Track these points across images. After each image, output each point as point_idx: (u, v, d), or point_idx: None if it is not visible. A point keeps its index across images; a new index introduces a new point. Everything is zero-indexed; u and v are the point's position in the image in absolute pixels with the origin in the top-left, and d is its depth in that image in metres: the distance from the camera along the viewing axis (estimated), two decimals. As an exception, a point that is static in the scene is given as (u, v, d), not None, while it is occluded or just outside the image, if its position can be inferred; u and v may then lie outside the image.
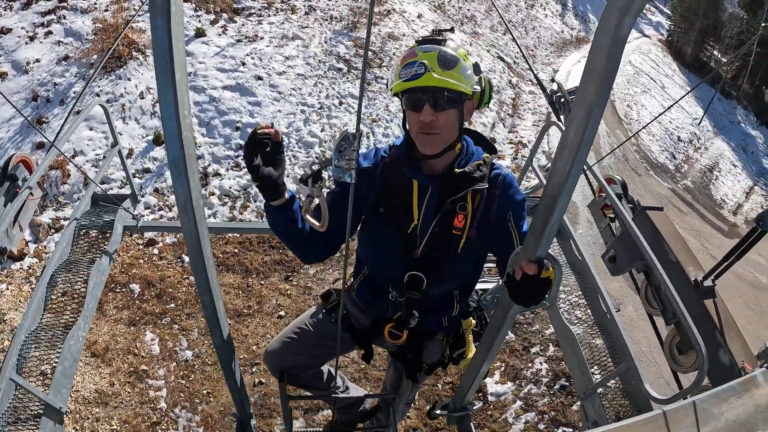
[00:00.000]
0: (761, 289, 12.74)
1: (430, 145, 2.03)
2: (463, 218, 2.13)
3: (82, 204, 3.96)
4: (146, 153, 9.11)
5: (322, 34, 13.24)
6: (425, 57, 1.95)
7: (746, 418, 1.84)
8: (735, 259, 4.77)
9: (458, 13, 20.23)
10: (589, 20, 32.90)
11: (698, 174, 21.62)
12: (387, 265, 2.34)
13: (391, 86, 2.09)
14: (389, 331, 2.42)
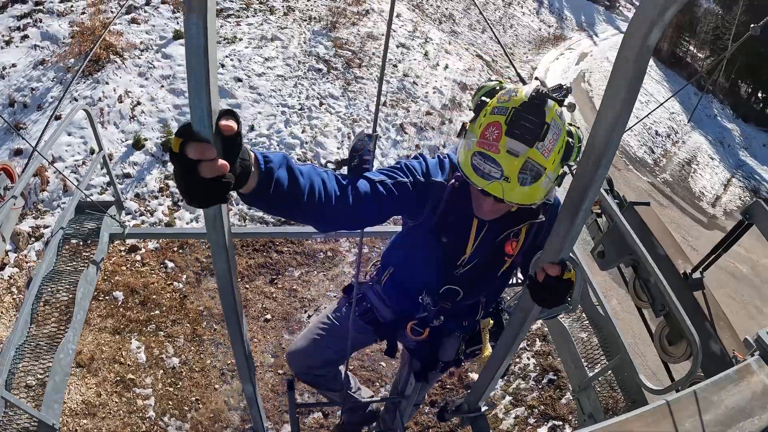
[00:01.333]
0: (741, 279, 12.98)
1: (486, 215, 2.01)
2: (515, 245, 2.14)
3: (67, 213, 3.91)
4: (126, 158, 8.99)
5: (301, 35, 13.18)
6: (506, 161, 1.70)
7: (744, 405, 1.91)
8: (723, 251, 4.85)
9: (437, 12, 20.31)
10: (565, 17, 33.20)
11: (677, 167, 21.96)
12: (422, 276, 2.35)
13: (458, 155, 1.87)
14: (411, 327, 2.49)
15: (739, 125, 33.95)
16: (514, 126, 1.69)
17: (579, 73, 25.13)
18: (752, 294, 12.63)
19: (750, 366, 2.16)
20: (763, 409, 1.91)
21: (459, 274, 2.24)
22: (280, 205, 1.54)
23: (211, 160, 1.07)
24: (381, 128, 11.87)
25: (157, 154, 9.20)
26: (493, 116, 1.74)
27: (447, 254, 2.18)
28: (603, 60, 28.01)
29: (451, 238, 2.10)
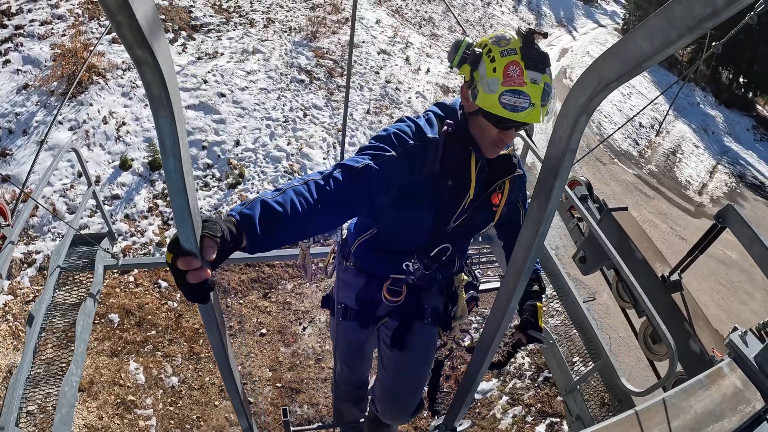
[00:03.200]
0: (730, 265, 13.09)
1: (496, 154, 2.19)
2: (500, 196, 2.32)
3: (63, 248, 3.98)
4: (114, 179, 9.03)
5: (282, 47, 13.23)
6: (532, 91, 1.92)
7: (713, 408, 1.96)
8: (698, 253, 4.98)
9: (416, 16, 20.35)
10: (543, 14, 33.34)
11: (662, 158, 22.07)
12: (411, 234, 2.37)
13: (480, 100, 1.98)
14: (387, 288, 2.51)
15: (722, 112, 34.14)
16: (529, 60, 1.93)
17: (560, 70, 25.22)
18: (742, 279, 12.73)
19: (722, 369, 2.21)
20: (733, 411, 1.96)
21: (450, 229, 2.33)
22: (280, 241, 1.67)
23: (196, 269, 1.29)
24: (366, 136, 11.95)
25: (144, 174, 9.24)
26: (507, 57, 1.94)
27: (447, 200, 2.24)
28: (583, 55, 28.13)
29: (455, 178, 2.18)
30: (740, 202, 21.17)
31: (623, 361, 8.30)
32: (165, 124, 0.94)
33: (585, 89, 0.96)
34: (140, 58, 0.80)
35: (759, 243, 4.13)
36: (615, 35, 36.70)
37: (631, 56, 0.83)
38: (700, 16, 0.70)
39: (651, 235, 13.43)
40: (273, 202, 1.63)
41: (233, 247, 1.47)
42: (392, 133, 2.09)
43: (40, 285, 7.16)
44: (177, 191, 1.09)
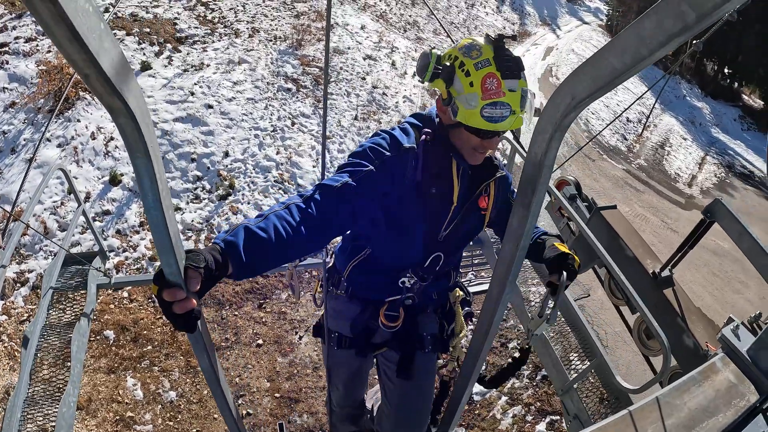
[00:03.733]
0: (723, 255, 13.14)
1: (480, 160, 2.19)
2: (486, 199, 2.31)
3: (55, 269, 3.97)
4: (104, 195, 9.01)
5: (267, 56, 13.24)
6: (511, 99, 1.95)
7: (707, 404, 1.97)
8: (688, 249, 5.02)
9: (400, 21, 20.39)
10: (527, 13, 33.48)
11: (650, 152, 22.18)
12: (405, 249, 2.34)
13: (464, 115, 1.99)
14: (384, 314, 2.48)
15: (708, 103, 34.36)
16: (505, 70, 1.94)
17: (546, 68, 25.33)
18: (736, 269, 12.77)
19: (715, 364, 2.21)
20: (727, 406, 1.97)
21: (442, 238, 2.31)
22: (265, 266, 1.71)
23: (181, 300, 1.34)
24: (355, 142, 11.97)
25: (134, 189, 9.22)
26: (482, 70, 1.95)
27: (434, 210, 2.23)
28: (569, 52, 28.27)
29: (438, 186, 2.17)
30: (730, 192, 21.30)
31: (620, 356, 8.33)
32: (141, 165, 0.98)
33: (558, 107, 0.97)
34: (112, 105, 0.83)
35: (748, 236, 4.17)
36: (599, 32, 36.89)
37: (603, 73, 0.84)
38: (671, 31, 0.70)
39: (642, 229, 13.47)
40: (256, 228, 1.66)
41: (219, 275, 1.51)
42: (368, 147, 2.10)
43: (33, 304, 7.13)
44: (157, 226, 1.14)
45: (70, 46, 0.70)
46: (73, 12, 0.66)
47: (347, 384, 3.06)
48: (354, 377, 3.03)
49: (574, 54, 28.27)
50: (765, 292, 4.13)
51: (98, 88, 0.78)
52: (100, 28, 0.72)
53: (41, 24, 0.67)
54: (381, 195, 2.06)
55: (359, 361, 2.85)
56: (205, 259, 1.44)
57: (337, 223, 1.93)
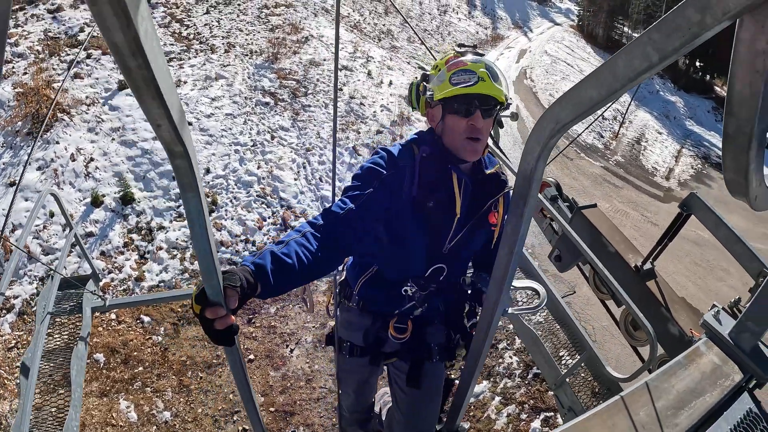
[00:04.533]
0: (704, 244, 13.36)
1: (475, 152, 2.21)
2: (496, 216, 2.38)
3: (51, 294, 3.99)
4: (86, 216, 8.96)
5: (244, 70, 13.28)
6: (476, 67, 2.09)
7: (694, 386, 2.04)
8: (667, 242, 5.16)
9: (374, 30, 20.56)
10: (499, 17, 33.84)
11: (627, 148, 22.51)
12: (411, 261, 2.41)
13: (436, 92, 2.15)
14: (394, 326, 2.57)
15: (681, 96, 34.95)
16: (464, 53, 2.17)
17: (520, 71, 25.62)
18: (717, 257, 12.97)
19: (699, 348, 2.27)
20: (713, 386, 2.04)
21: (446, 250, 2.37)
22: (288, 287, 1.86)
23: (222, 317, 1.47)
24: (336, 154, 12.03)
25: (117, 209, 9.20)
26: (446, 57, 2.19)
27: (436, 222, 2.29)
28: (542, 54, 28.61)
29: (437, 198, 2.22)
30: (707, 182, 21.67)
31: (609, 350, 8.45)
32: (192, 200, 1.10)
33: (544, 130, 1.09)
34: (174, 150, 0.93)
35: (724, 226, 4.30)
36: (571, 32, 37.36)
37: (583, 102, 0.96)
38: (638, 69, 0.83)
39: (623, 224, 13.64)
40: (280, 253, 1.79)
41: (250, 294, 1.63)
42: (367, 168, 2.19)
43: (21, 330, 7.08)
44: (203, 251, 1.27)
45: (153, 102, 0.79)
46: (158, 73, 0.74)
47: (357, 390, 3.16)
48: (364, 384, 3.13)
49: (547, 55, 28.63)
50: (747, 278, 4.26)
51: (166, 136, 0.88)
52: (171, 84, 0.81)
53: (133, 86, 0.75)
54: (383, 213, 2.15)
55: (370, 369, 2.94)
56: (239, 278, 1.57)
57: (345, 247, 2.03)
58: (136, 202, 9.47)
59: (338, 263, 2.09)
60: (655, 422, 1.81)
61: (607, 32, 39.53)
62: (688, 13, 0.75)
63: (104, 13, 0.64)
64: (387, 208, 2.16)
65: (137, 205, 9.42)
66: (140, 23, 0.68)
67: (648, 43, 0.81)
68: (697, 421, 1.88)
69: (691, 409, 1.92)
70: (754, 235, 16.38)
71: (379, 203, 2.11)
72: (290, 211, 10.28)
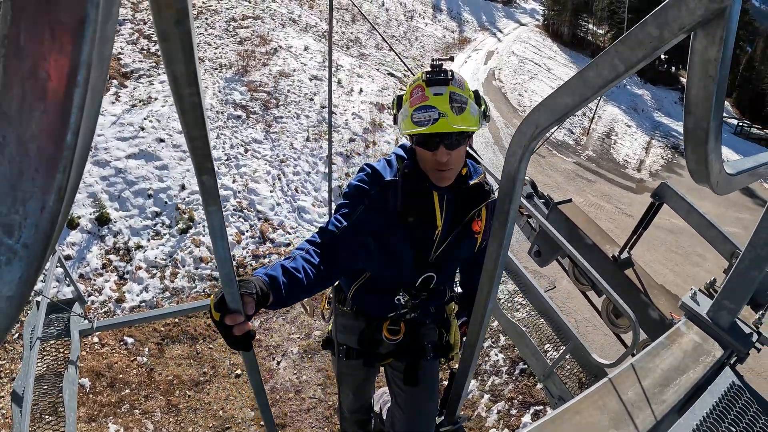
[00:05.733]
0: (678, 232, 13.65)
1: (445, 180, 2.25)
2: (479, 223, 2.42)
3: (39, 320, 3.97)
4: (62, 240, 8.87)
5: (214, 84, 13.25)
6: (438, 102, 2.05)
7: (677, 364, 2.16)
8: (642, 230, 5.31)
9: (343, 38, 20.65)
10: (465, 20, 34.15)
11: (597, 142, 22.89)
12: (398, 271, 2.48)
13: (401, 128, 2.17)
14: (387, 328, 2.65)
15: (648, 89, 35.68)
16: (430, 80, 2.11)
17: (489, 72, 25.90)
18: (692, 243, 13.25)
19: (679, 329, 2.41)
20: (696, 363, 2.17)
21: (433, 259, 2.44)
22: (297, 299, 1.96)
23: (240, 323, 1.58)
24: (309, 163, 12.07)
25: (93, 231, 9.12)
26: (413, 85, 2.17)
27: (419, 236, 2.36)
28: (509, 55, 28.97)
29: (418, 215, 2.28)
30: (678, 171, 22.11)
31: (593, 340, 8.59)
32: (214, 213, 1.21)
33: (525, 134, 1.20)
34: (204, 167, 1.06)
35: (695, 212, 4.45)
36: (537, 32, 37.86)
37: (558, 108, 1.07)
38: (607, 78, 0.94)
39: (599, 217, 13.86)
40: (290, 267, 1.91)
41: (262, 303, 1.73)
42: (354, 186, 2.28)
43: (2, 360, 6.99)
44: (224, 262, 1.36)
45: (195, 126, 0.93)
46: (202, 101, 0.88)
47: (356, 391, 3.26)
48: (362, 385, 3.25)
49: (515, 56, 28.98)
50: (721, 262, 4.42)
51: (200, 154, 1.01)
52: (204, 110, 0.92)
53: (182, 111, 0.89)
54: (373, 228, 2.24)
55: (367, 370, 3.07)
56: (255, 286, 1.68)
57: (344, 262, 2.14)
58: (112, 222, 9.39)
59: (338, 278, 2.25)
60: (643, 400, 1.91)
61: (572, 30, 40.22)
62: (649, 29, 0.87)
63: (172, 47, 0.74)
64: (377, 222, 2.24)
65: (113, 226, 9.35)
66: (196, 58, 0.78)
67: (615, 55, 0.91)
68: (684, 396, 1.99)
69: (676, 385, 2.04)
70: (726, 219, 16.78)
71: (370, 219, 2.20)
72: (268, 224, 10.29)
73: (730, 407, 1.97)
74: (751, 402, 2.03)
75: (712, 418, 1.88)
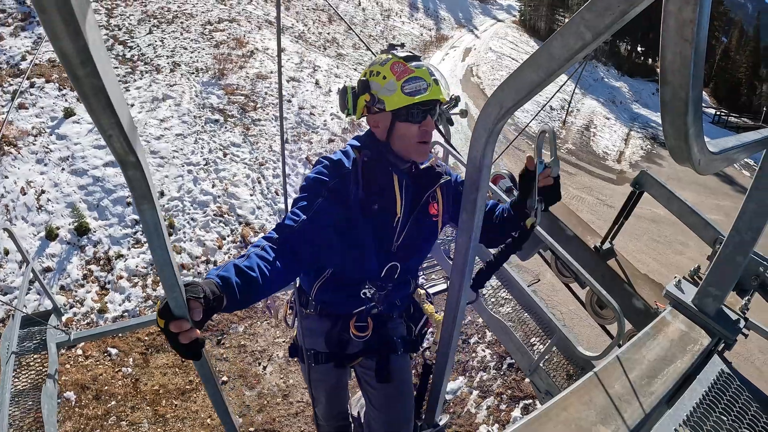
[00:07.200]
0: (660, 221, 13.75)
1: (426, 153, 2.26)
2: (436, 206, 2.39)
3: (13, 334, 3.87)
4: (42, 251, 8.73)
5: (191, 89, 13.11)
6: (422, 74, 2.11)
7: (664, 354, 2.11)
8: (623, 220, 5.30)
9: (319, 39, 20.54)
10: (442, 18, 34.18)
11: (577, 135, 23.02)
12: (363, 263, 2.40)
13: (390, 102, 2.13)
14: (355, 325, 2.57)
15: (626, 81, 35.99)
16: (404, 56, 2.17)
17: (467, 69, 25.93)
18: (674, 231, 13.32)
19: (665, 318, 2.37)
20: (683, 352, 2.12)
21: (395, 248, 2.38)
22: (254, 299, 1.84)
23: (187, 330, 1.45)
24: (288, 165, 11.98)
25: (73, 241, 8.98)
26: (387, 63, 2.17)
27: (381, 224, 2.31)
28: (486, 51, 29.02)
29: (380, 201, 2.25)
30: (658, 161, 22.28)
31: (579, 332, 8.59)
32: (147, 212, 1.10)
33: (490, 116, 1.12)
34: (126, 160, 0.95)
35: (676, 199, 4.43)
36: (513, 28, 38.00)
37: (523, 85, 1.00)
38: (574, 48, 0.87)
39: (580, 209, 13.92)
40: (243, 266, 1.80)
41: (216, 307, 1.61)
42: (312, 178, 2.21)
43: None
44: (163, 265, 1.26)
45: (103, 112, 0.81)
46: (107, 82, 0.76)
47: (329, 397, 3.14)
48: (335, 389, 3.12)
49: (492, 52, 29.04)
50: (705, 248, 4.41)
51: (117, 146, 0.90)
52: (120, 94, 0.82)
53: (83, 95, 0.77)
54: (333, 220, 2.16)
55: (338, 373, 2.95)
56: (203, 290, 1.55)
57: (303, 256, 2.05)
58: (92, 232, 9.26)
59: (298, 273, 2.10)
60: (630, 392, 1.86)
61: (548, 25, 40.45)
62: (616, -9, 0.78)
63: (54, 21, 0.65)
64: (337, 214, 2.17)
65: (93, 235, 9.21)
66: (89, 32, 0.69)
67: (581, 23, 0.84)
68: (672, 386, 1.94)
69: (664, 376, 1.99)
70: (707, 206, 16.90)
71: (329, 211, 2.13)
72: (249, 228, 10.19)
73: (720, 396, 1.93)
74: (742, 389, 1.99)
75: (703, 408, 1.84)
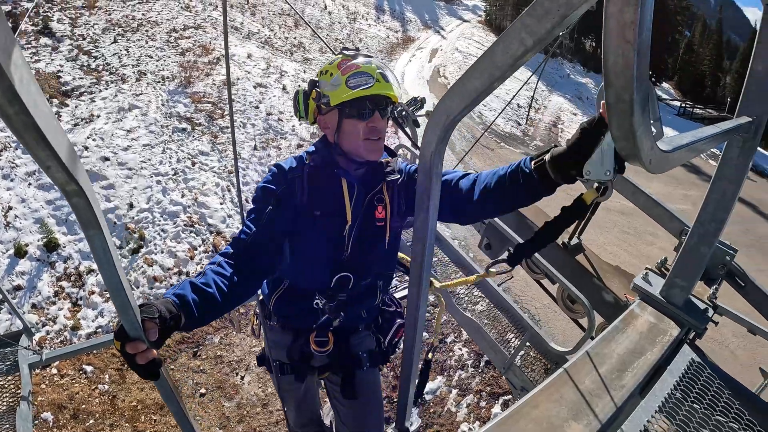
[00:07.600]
0: (630, 213, 13.93)
1: (377, 151, 2.19)
2: (382, 209, 2.30)
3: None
4: (11, 270, 8.54)
5: (158, 98, 12.94)
6: (370, 69, 2.11)
7: (633, 347, 2.13)
8: (590, 215, 5.36)
9: (286, 44, 20.46)
10: (408, 20, 34.30)
11: (545, 132, 23.27)
12: (314, 273, 2.37)
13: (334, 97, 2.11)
14: (314, 340, 2.52)
15: (592, 77, 36.46)
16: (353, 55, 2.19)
17: (434, 70, 26.04)
18: (644, 222, 13.43)
19: (633, 311, 2.39)
20: (652, 344, 2.15)
21: (346, 258, 2.31)
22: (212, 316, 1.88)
23: (143, 351, 1.49)
24: (257, 172, 11.90)
25: (42, 258, 8.81)
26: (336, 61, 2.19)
27: (331, 232, 2.25)
28: (453, 51, 29.19)
29: (326, 208, 2.21)
30: (625, 156, 22.56)
31: (555, 326, 8.67)
32: (95, 237, 1.11)
33: (438, 124, 1.14)
34: (68, 189, 0.95)
35: (641, 193, 4.51)
36: (480, 28, 38.29)
37: (468, 92, 1.01)
38: (516, 54, 0.88)
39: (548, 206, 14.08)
40: (199, 283, 1.81)
41: (173, 326, 1.66)
42: (261, 189, 2.20)
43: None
44: (115, 288, 1.27)
45: (37, 146, 0.81)
46: (39, 117, 0.76)
47: (299, 406, 3.14)
48: (304, 398, 3.11)
49: (459, 52, 29.23)
50: (674, 238, 4.52)
51: (58, 177, 0.90)
52: (55, 126, 0.83)
53: (15, 132, 0.77)
54: (285, 228, 2.16)
55: (304, 384, 2.94)
56: (158, 310, 1.57)
57: (260, 269, 2.05)
58: (62, 248, 9.09)
59: (257, 287, 2.09)
60: (601, 387, 1.88)
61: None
62: (555, -5, 0.78)
63: None
64: (287, 222, 2.16)
65: (63, 251, 9.05)
66: (14, 71, 0.70)
67: (522, 29, 0.85)
68: (643, 378, 1.96)
69: (634, 368, 2.01)
70: (676, 197, 17.20)
71: (280, 220, 2.12)
72: (220, 237, 10.10)
73: (691, 384, 1.96)
74: (713, 377, 2.02)
75: (675, 398, 1.87)
